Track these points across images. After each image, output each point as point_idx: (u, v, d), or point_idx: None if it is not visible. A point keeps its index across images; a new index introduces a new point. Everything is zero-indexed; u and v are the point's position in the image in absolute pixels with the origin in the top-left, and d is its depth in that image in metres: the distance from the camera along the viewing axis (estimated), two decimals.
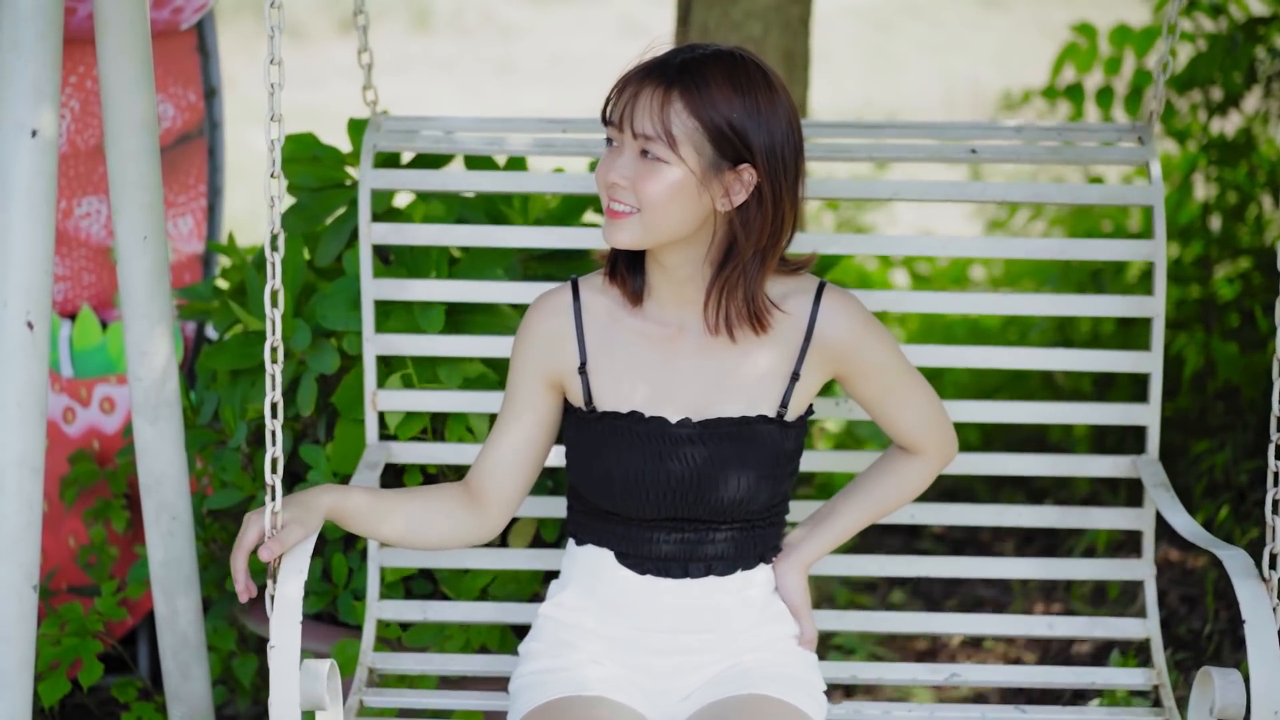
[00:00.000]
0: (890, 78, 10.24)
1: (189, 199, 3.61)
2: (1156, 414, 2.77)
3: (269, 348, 2.27)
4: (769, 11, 3.79)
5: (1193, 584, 3.96)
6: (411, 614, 2.83)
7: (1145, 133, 2.84)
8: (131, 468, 3.23)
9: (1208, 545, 2.44)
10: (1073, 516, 2.83)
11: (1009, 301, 2.89)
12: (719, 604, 2.37)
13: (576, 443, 2.38)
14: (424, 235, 2.84)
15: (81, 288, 3.47)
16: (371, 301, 2.82)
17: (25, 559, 2.45)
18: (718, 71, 2.23)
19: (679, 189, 2.22)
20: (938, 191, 2.86)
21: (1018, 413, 2.86)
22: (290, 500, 2.28)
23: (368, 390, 2.83)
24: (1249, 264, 4.51)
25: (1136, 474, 2.77)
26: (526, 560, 2.86)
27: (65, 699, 3.37)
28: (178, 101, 3.56)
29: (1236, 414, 4.23)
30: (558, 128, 2.88)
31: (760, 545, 2.40)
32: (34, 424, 2.45)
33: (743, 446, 2.33)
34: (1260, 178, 4.46)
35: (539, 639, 2.44)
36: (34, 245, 2.44)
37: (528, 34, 11.52)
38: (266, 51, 2.23)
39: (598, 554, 2.39)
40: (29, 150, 2.43)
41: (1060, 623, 2.81)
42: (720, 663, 2.39)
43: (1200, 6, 4.35)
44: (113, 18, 2.62)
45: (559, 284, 2.43)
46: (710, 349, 2.34)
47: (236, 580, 2.24)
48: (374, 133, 2.88)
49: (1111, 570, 2.85)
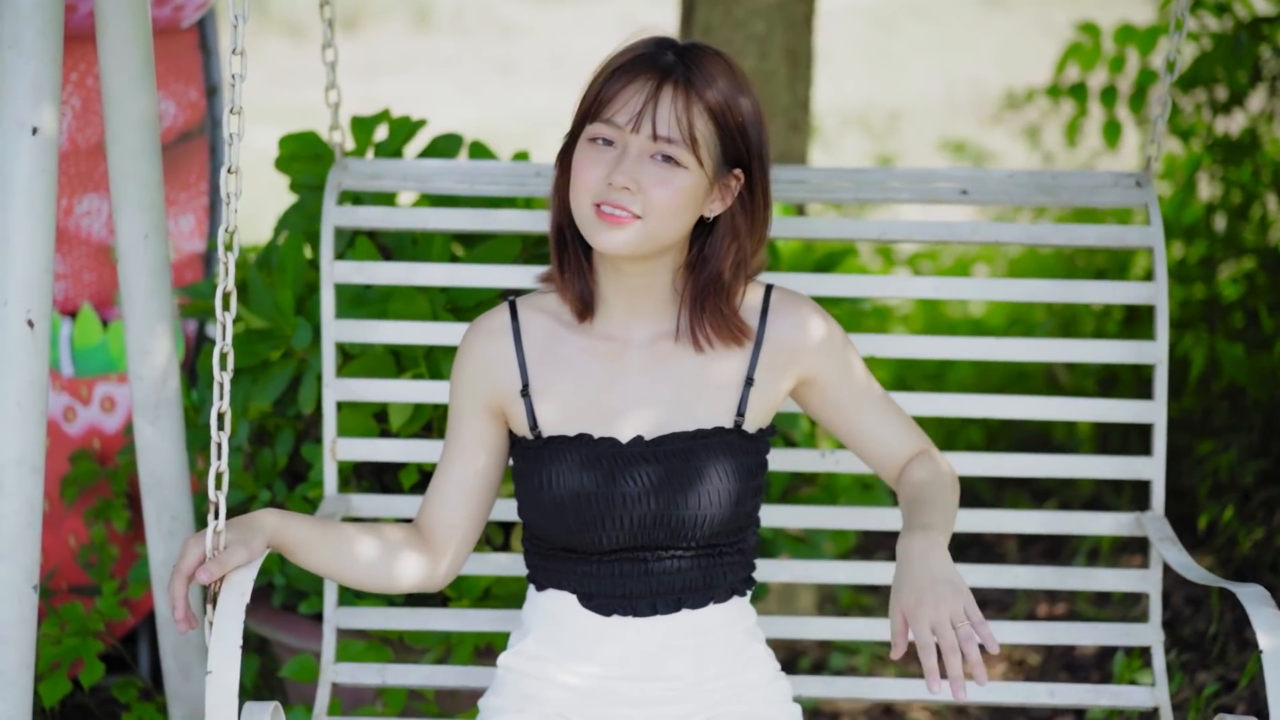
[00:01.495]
0: (892, 77, 10.24)
1: (190, 197, 3.60)
2: (1161, 468, 2.70)
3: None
4: (772, 10, 3.79)
5: (1197, 585, 3.95)
6: (369, 678, 2.70)
7: (1144, 179, 2.78)
8: (132, 467, 3.23)
9: (1222, 585, 2.37)
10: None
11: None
12: (690, 645, 2.24)
13: (523, 474, 2.25)
14: (387, 274, 2.76)
15: (82, 286, 3.46)
16: (333, 344, 2.75)
17: (25, 559, 2.44)
18: (720, 70, 2.16)
19: (690, 195, 2.14)
20: (928, 232, 2.78)
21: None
22: (233, 523, 2.15)
23: (327, 439, 2.74)
24: (1253, 264, 4.49)
25: (1142, 532, 2.70)
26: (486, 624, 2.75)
27: (66, 699, 3.36)
28: (179, 99, 3.55)
29: (1241, 414, 4.22)
30: (531, 171, 2.81)
31: (731, 575, 2.27)
32: (34, 423, 2.44)
33: (700, 462, 2.20)
34: (1265, 177, 4.45)
35: (499, 693, 2.31)
36: (34, 243, 2.43)
37: (529, 33, 11.52)
38: (230, 41, 2.15)
39: (559, 598, 2.25)
40: (29, 148, 2.42)
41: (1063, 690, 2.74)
42: (694, 715, 2.24)
43: (1205, 5, 4.34)
44: (113, 15, 2.61)
45: (495, 307, 2.33)
46: (659, 362, 2.23)
47: (175, 607, 2.10)
48: (339, 172, 2.81)
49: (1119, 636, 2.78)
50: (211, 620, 2.11)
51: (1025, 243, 2.84)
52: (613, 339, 2.24)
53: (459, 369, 2.28)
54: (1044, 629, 2.80)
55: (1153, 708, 2.67)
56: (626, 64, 2.14)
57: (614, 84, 2.13)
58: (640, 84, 2.12)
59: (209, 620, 2.12)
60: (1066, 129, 4.86)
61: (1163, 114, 2.75)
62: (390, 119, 3.09)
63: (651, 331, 2.24)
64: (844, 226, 2.80)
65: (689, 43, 2.18)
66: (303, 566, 2.23)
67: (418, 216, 2.80)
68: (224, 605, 2.09)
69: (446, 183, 2.81)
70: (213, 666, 2.06)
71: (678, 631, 2.23)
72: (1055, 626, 2.80)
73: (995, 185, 2.80)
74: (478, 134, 3.29)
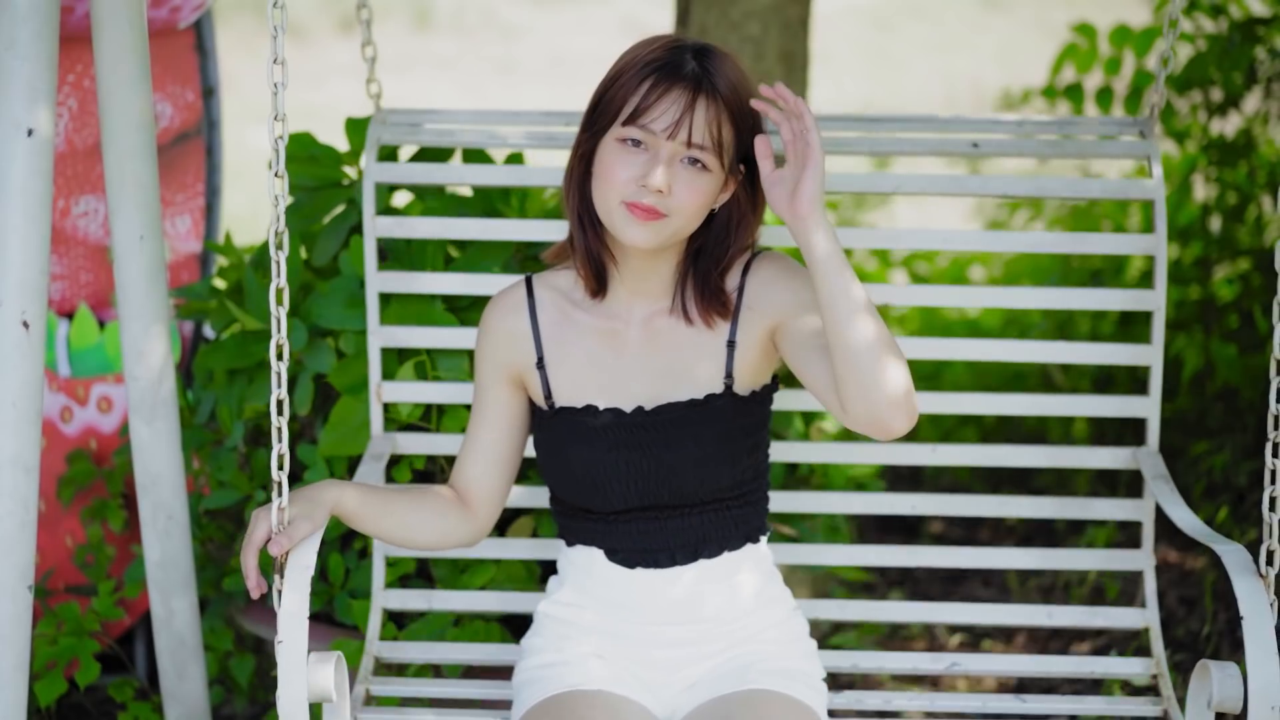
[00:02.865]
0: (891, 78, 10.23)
1: (187, 198, 3.61)
2: (1156, 406, 2.78)
3: (274, 345, 2.28)
4: (768, 12, 3.79)
5: (1191, 585, 3.96)
6: (416, 603, 2.83)
7: (1146, 127, 2.85)
8: (129, 467, 3.24)
9: (1206, 540, 2.46)
10: (1072, 508, 2.86)
11: (1008, 295, 2.89)
12: (711, 590, 2.41)
13: (541, 442, 2.45)
14: (425, 229, 2.86)
15: (79, 287, 3.47)
16: (376, 294, 2.84)
17: (20, 559, 2.45)
18: (735, 74, 2.31)
19: (710, 194, 2.31)
20: (938, 185, 2.87)
21: (1015, 405, 2.87)
22: (296, 495, 2.31)
23: (372, 382, 2.84)
24: (1248, 265, 4.50)
25: (1136, 465, 2.79)
26: (526, 552, 2.86)
27: (62, 698, 3.37)
28: (175, 100, 3.56)
29: (1236, 415, 4.23)
30: (560, 121, 2.89)
31: (743, 525, 2.44)
32: (29, 423, 2.45)
33: (696, 428, 2.37)
34: (1260, 178, 4.46)
35: (540, 634, 2.49)
36: (30, 244, 2.44)
37: (529, 34, 11.52)
38: (270, 51, 2.23)
39: (589, 553, 2.44)
40: (25, 149, 2.43)
41: (1060, 612, 2.82)
42: (719, 654, 2.42)
43: (1200, 7, 4.35)
44: (109, 16, 2.61)
45: (514, 282, 2.49)
46: (656, 338, 2.40)
47: (248, 577, 2.27)
48: (378, 127, 2.89)
49: (1110, 561, 2.87)
50: (280, 589, 2.26)
51: (1032, 195, 2.89)
52: (616, 317, 2.42)
53: (481, 342, 2.47)
54: (1037, 555, 2.87)
55: (1143, 628, 2.80)
56: (658, 71, 2.28)
57: (651, 92, 2.27)
58: (677, 94, 2.27)
59: (277, 589, 2.27)
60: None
61: (1164, 69, 2.80)
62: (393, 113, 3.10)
63: (650, 309, 2.41)
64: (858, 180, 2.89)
65: (700, 45, 2.33)
66: (359, 531, 2.42)
67: (454, 172, 2.90)
68: (290, 577, 2.26)
69: (476, 137, 2.90)
70: (282, 636, 2.22)
71: (698, 579, 2.41)
72: (1048, 552, 2.86)
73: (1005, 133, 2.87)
74: None
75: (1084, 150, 2.86)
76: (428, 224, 2.87)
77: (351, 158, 3.05)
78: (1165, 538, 4.14)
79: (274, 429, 2.27)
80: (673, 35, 2.36)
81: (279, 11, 2.21)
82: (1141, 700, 2.70)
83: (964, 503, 2.88)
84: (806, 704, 2.35)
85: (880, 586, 4.12)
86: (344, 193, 3.02)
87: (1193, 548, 4.02)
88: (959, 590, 4.08)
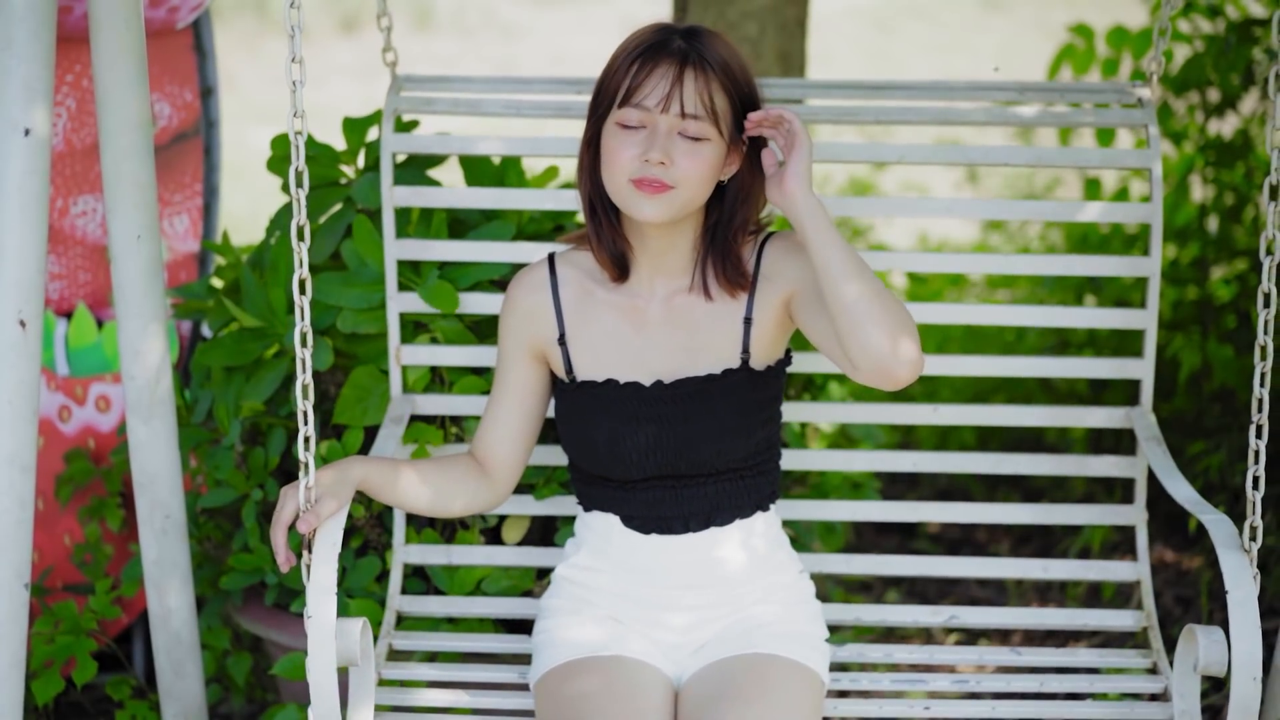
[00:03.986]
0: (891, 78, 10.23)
1: (185, 198, 3.62)
2: (1151, 368, 2.84)
3: (298, 332, 2.35)
4: (765, 12, 3.80)
5: (1187, 585, 3.96)
6: (436, 558, 2.89)
7: (1144, 98, 2.89)
8: (127, 466, 3.24)
9: (1195, 509, 2.52)
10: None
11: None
12: (723, 555, 2.51)
13: (562, 413, 2.55)
14: (442, 198, 2.91)
15: (77, 286, 3.47)
16: (395, 261, 2.89)
17: (16, 557, 2.46)
18: (724, 49, 2.40)
19: (713, 163, 2.39)
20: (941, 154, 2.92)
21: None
22: (322, 473, 2.40)
23: (392, 345, 2.91)
24: (1246, 266, 4.50)
25: (1130, 424, 2.84)
26: (518, 558, 2.90)
27: (59, 697, 3.38)
28: (174, 100, 3.56)
29: (1232, 416, 4.23)
30: (573, 89, 2.93)
31: (755, 494, 2.54)
32: (26, 422, 2.45)
33: (712, 401, 2.47)
34: (1257, 179, 4.45)
35: (558, 595, 2.59)
36: (26, 244, 2.45)
37: (529, 34, 11.52)
38: (289, 50, 2.32)
39: (605, 519, 2.55)
40: (22, 149, 2.44)
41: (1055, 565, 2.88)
42: (728, 617, 2.52)
43: (1197, 8, 4.35)
44: (107, 16, 2.62)
45: (537, 260, 2.58)
46: (675, 315, 2.50)
47: (277, 552, 2.36)
48: (394, 96, 2.94)
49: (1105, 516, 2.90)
50: (309, 564, 2.35)
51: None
52: (637, 295, 2.52)
53: (505, 317, 2.57)
54: (1032, 510, 2.92)
55: (1135, 580, 2.87)
56: (645, 52, 2.39)
57: (640, 72, 2.37)
58: (664, 69, 2.37)
59: (306, 564, 2.36)
60: (1060, 130, 4.87)
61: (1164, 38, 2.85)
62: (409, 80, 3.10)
63: (671, 288, 2.51)
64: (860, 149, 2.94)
65: (688, 27, 2.43)
66: (385, 503, 2.54)
67: (469, 142, 2.94)
68: (319, 552, 2.34)
69: (493, 107, 2.95)
70: (311, 611, 2.31)
71: (709, 545, 2.51)
72: (1043, 508, 2.92)
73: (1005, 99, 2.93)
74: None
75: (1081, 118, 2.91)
76: (445, 194, 2.91)
77: (349, 156, 3.05)
78: (1162, 538, 4.15)
79: (300, 412, 2.34)
80: (664, 23, 2.44)
81: (295, 12, 2.29)
82: (1131, 652, 2.75)
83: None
84: (809, 666, 2.46)
85: (877, 586, 4.13)
86: (341, 191, 3.03)
87: (1189, 548, 4.03)
88: (955, 591, 4.08)
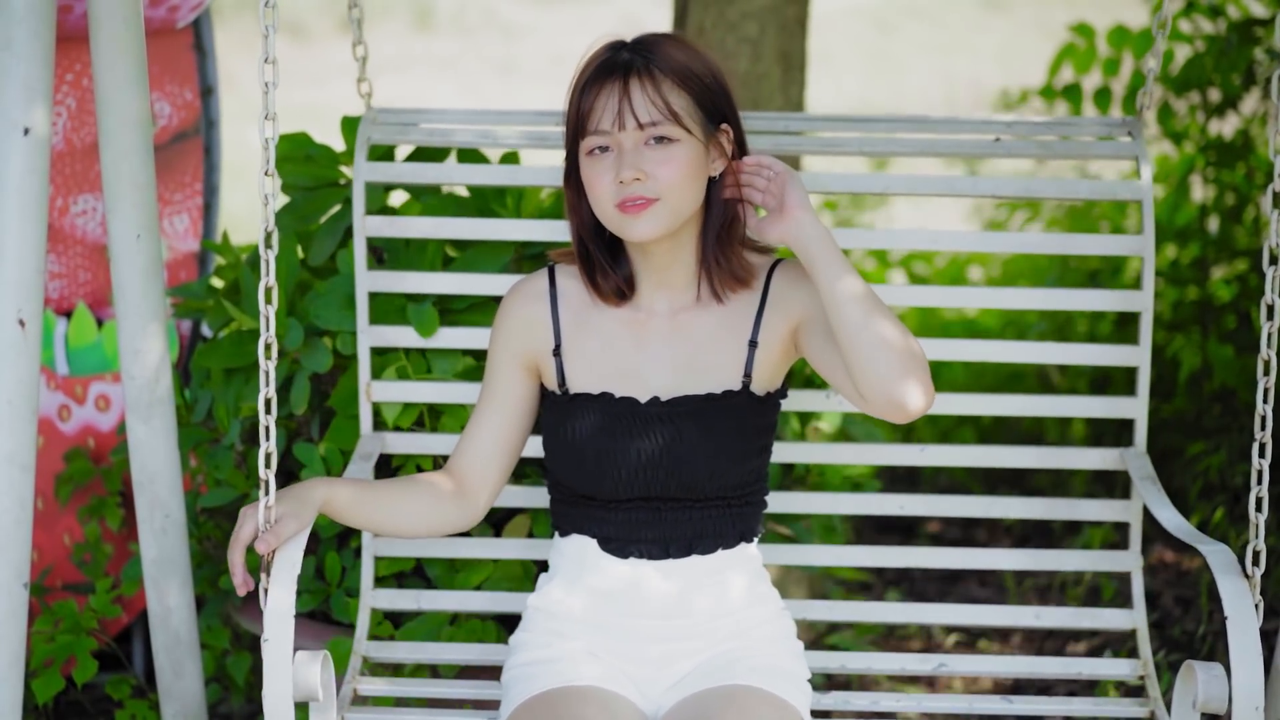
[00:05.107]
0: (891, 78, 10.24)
1: (185, 197, 3.62)
2: (1144, 407, 2.79)
3: (263, 344, 2.29)
4: (765, 12, 3.79)
5: (1187, 585, 3.96)
6: (405, 603, 2.84)
7: (1135, 127, 2.86)
8: (126, 465, 3.24)
9: (1192, 540, 2.46)
10: (1061, 509, 2.86)
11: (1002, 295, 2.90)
12: (701, 586, 2.42)
13: (551, 425, 2.46)
14: (418, 228, 2.87)
15: (77, 285, 3.47)
16: (366, 294, 2.84)
17: (16, 556, 2.46)
18: (673, 46, 2.35)
19: (692, 162, 2.32)
20: (931, 186, 2.88)
21: (1007, 405, 2.89)
22: (283, 494, 2.32)
23: (362, 382, 2.85)
24: (1246, 266, 4.50)
25: (1124, 466, 2.80)
26: (520, 551, 2.87)
27: (59, 696, 3.38)
28: (174, 99, 3.56)
29: (1232, 416, 4.23)
30: (551, 120, 2.89)
31: (740, 524, 2.45)
32: (25, 422, 2.45)
33: (710, 422, 2.39)
34: (1258, 179, 4.46)
35: (529, 630, 2.49)
36: (26, 243, 2.45)
37: (530, 33, 11.53)
38: (261, 50, 2.26)
39: (582, 543, 2.45)
40: (21, 148, 2.43)
41: (1049, 613, 2.82)
42: (706, 650, 2.42)
43: (1198, 8, 4.35)
44: (106, 16, 2.62)
45: (536, 271, 2.51)
46: (678, 331, 2.42)
47: (234, 575, 2.27)
48: (369, 126, 2.89)
49: (1099, 562, 2.88)
50: (266, 588, 2.27)
51: (1023, 196, 2.91)
52: (639, 309, 2.44)
53: (499, 325, 2.49)
54: (1026, 555, 2.88)
55: (1130, 629, 2.80)
56: (591, 76, 2.34)
57: (588, 98, 2.33)
58: (610, 87, 2.32)
59: (264, 587, 2.27)
60: None
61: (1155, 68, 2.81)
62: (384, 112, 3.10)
63: (675, 303, 2.43)
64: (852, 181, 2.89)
65: (636, 37, 2.37)
66: (347, 525, 2.42)
67: (444, 172, 2.90)
68: (277, 575, 2.26)
69: (469, 136, 2.90)
70: (269, 634, 2.22)
71: (689, 574, 2.42)
72: (1038, 553, 2.88)
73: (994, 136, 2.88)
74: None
75: (1072, 151, 2.87)
76: (420, 224, 2.86)
77: (348, 157, 3.05)
78: (1161, 538, 4.14)
79: (262, 428, 2.28)
80: (613, 40, 2.39)
81: (271, 11, 2.24)
82: (1129, 702, 2.70)
83: (955, 504, 2.88)
84: (789, 702, 2.35)
85: (877, 586, 4.13)
86: (340, 192, 3.03)
87: (1189, 548, 4.02)
88: (956, 590, 4.08)
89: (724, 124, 2.37)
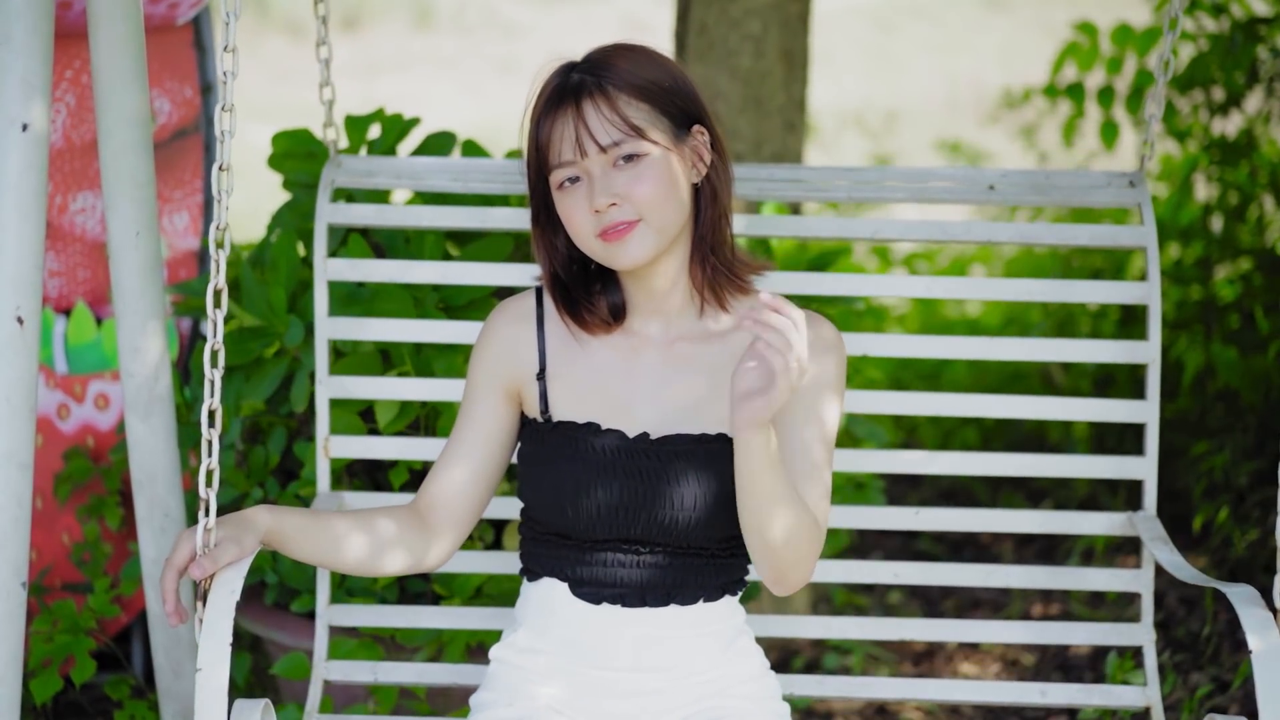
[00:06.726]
0: (892, 77, 10.24)
1: (185, 195, 3.60)
2: (1153, 467, 2.69)
3: (209, 351, 2.18)
4: (768, 9, 3.78)
5: (1191, 586, 3.95)
6: (361, 675, 2.71)
7: (1137, 179, 2.78)
8: (125, 464, 3.23)
9: (1213, 585, 2.37)
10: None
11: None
12: (680, 636, 2.24)
13: (529, 455, 2.28)
14: (383, 271, 2.77)
15: (77, 283, 3.46)
16: (326, 341, 2.74)
17: (14, 555, 2.44)
18: (621, 56, 2.20)
19: (667, 176, 2.17)
20: (920, 231, 2.80)
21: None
22: (225, 519, 2.15)
23: (320, 436, 2.74)
24: (1250, 265, 4.50)
25: (1134, 532, 2.70)
26: (480, 621, 2.76)
27: (58, 696, 3.36)
28: (174, 97, 3.55)
29: (1236, 415, 4.22)
30: (518, 171, 2.78)
31: (724, 575, 2.27)
32: (23, 420, 2.44)
33: (699, 465, 2.21)
34: (1261, 178, 4.45)
35: (491, 688, 2.32)
36: (24, 240, 2.43)
37: (530, 33, 11.52)
38: (221, 38, 2.18)
39: (551, 588, 2.27)
40: (20, 145, 2.42)
41: (1055, 690, 2.72)
42: (684, 708, 2.25)
43: (1202, 6, 4.34)
44: (105, 12, 2.61)
45: (523, 292, 2.36)
46: (674, 363, 2.26)
47: (166, 601, 2.11)
48: (333, 169, 2.81)
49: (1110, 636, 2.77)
50: (202, 617, 2.12)
51: (1019, 242, 2.85)
52: (632, 334, 2.27)
53: (481, 348, 2.31)
54: (1036, 628, 2.80)
55: (1144, 708, 2.68)
56: (545, 106, 2.20)
57: (544, 129, 2.19)
58: (564, 114, 2.17)
59: (199, 617, 2.13)
60: (1063, 129, 4.86)
61: (1157, 114, 2.75)
62: (383, 117, 3.10)
63: (671, 333, 2.27)
64: (838, 225, 2.81)
65: (586, 55, 2.22)
66: (295, 559, 2.24)
67: (410, 214, 2.80)
68: (214, 602, 2.11)
69: (440, 180, 2.81)
70: (202, 664, 2.06)
71: (667, 624, 2.24)
72: (1048, 626, 2.79)
73: (988, 184, 2.80)
74: (478, 134, 3.30)
75: (1070, 199, 2.77)
76: (383, 267, 2.75)
77: (350, 153, 3.03)
78: None
79: (204, 441, 2.16)
80: (564, 61, 2.23)
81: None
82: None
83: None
84: None
85: (879, 586, 4.11)
86: (340, 193, 3.01)
87: (1193, 548, 4.01)
88: (959, 589, 4.07)
89: (696, 125, 2.22)
